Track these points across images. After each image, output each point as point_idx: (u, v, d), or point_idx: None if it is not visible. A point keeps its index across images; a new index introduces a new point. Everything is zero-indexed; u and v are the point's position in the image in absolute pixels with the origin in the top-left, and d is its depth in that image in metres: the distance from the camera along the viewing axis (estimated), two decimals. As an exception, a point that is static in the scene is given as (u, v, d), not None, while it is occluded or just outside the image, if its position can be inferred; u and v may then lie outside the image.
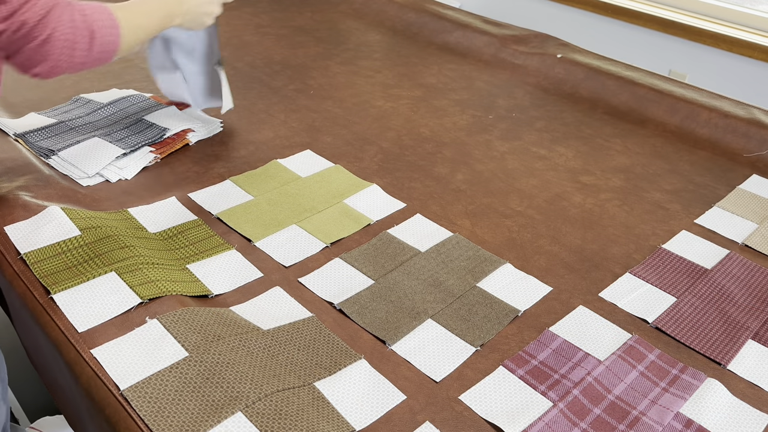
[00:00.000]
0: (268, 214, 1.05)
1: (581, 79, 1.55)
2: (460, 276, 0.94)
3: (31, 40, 0.82)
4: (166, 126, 1.22)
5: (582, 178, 1.21)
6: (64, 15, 0.84)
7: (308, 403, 0.72)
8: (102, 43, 0.89)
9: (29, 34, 0.82)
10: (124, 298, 0.83)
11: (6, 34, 0.80)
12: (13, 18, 0.80)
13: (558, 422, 0.73)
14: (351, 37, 1.79)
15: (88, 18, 0.87)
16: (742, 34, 2.09)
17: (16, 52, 0.84)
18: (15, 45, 0.82)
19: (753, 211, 1.13)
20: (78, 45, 0.86)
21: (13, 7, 0.80)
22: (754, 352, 0.85)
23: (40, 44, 0.83)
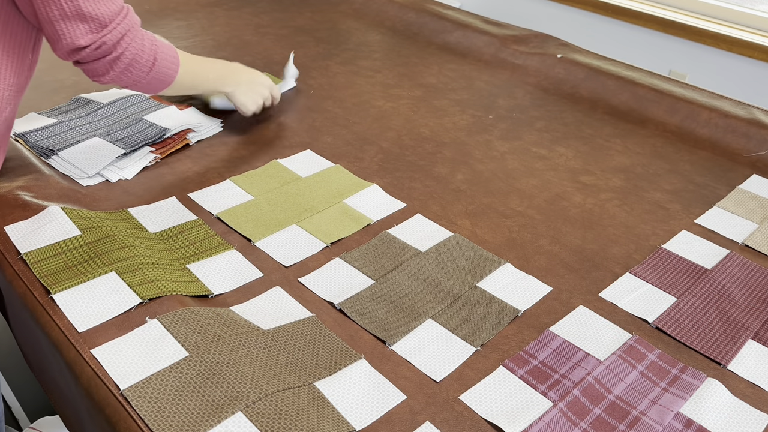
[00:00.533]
0: (268, 214, 1.05)
1: (581, 79, 1.55)
2: (460, 276, 0.94)
3: (104, 56, 0.93)
4: (166, 126, 1.22)
5: (582, 178, 1.21)
6: (137, 38, 0.95)
7: (308, 403, 0.72)
8: (160, 71, 1.00)
9: (105, 52, 0.92)
10: (124, 298, 0.83)
11: (89, 49, 0.91)
12: (98, 35, 0.91)
13: (558, 422, 0.73)
14: (351, 37, 1.79)
15: (155, 46, 0.98)
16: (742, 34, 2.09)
17: (89, 62, 0.94)
18: (89, 58, 0.92)
19: (753, 211, 1.13)
20: (139, 65, 0.96)
21: (100, 25, 0.91)
22: (754, 352, 0.85)
23: (110, 61, 0.94)
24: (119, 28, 0.92)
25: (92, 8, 0.89)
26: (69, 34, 0.89)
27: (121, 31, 0.93)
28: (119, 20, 0.92)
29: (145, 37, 0.97)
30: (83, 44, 0.90)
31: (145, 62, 0.97)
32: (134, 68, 0.96)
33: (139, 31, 0.96)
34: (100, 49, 0.91)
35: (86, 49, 0.91)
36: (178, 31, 1.72)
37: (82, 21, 0.89)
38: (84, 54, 0.91)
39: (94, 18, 0.89)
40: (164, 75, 1.01)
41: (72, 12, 0.88)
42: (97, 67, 0.94)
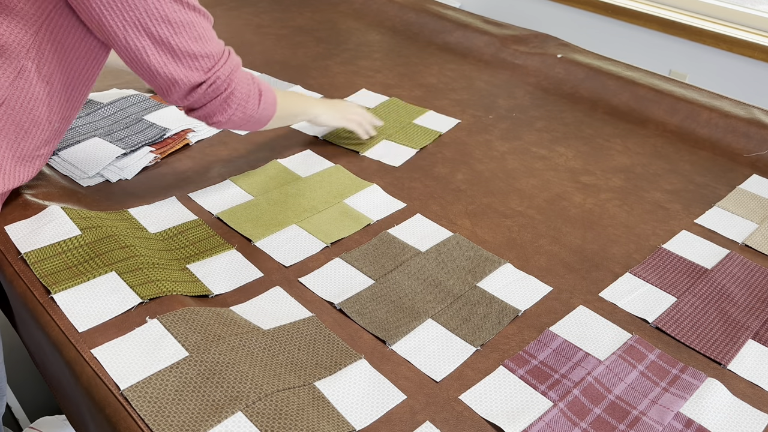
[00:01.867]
0: (269, 214, 1.05)
1: (581, 79, 1.55)
2: (460, 276, 0.94)
3: (218, 94, 0.94)
4: (166, 126, 1.23)
5: (582, 178, 1.21)
6: (243, 75, 0.97)
7: (308, 403, 0.72)
8: (265, 103, 1.01)
9: (218, 88, 0.93)
10: (124, 298, 0.83)
11: (204, 86, 0.92)
12: (212, 71, 0.92)
13: (558, 422, 0.73)
14: (351, 37, 1.79)
15: (257, 81, 1.00)
16: (742, 34, 2.09)
17: (203, 106, 0.95)
18: (205, 98, 0.94)
19: (753, 211, 1.13)
20: (250, 101, 0.98)
21: (213, 61, 0.92)
22: (754, 352, 0.85)
23: (225, 98, 0.95)
24: (228, 64, 0.94)
25: (201, 48, 0.90)
26: (184, 75, 0.90)
27: (230, 67, 0.94)
28: (226, 57, 0.94)
29: (248, 74, 0.99)
30: (199, 81, 0.91)
31: (254, 96, 0.98)
32: (247, 103, 0.97)
33: (242, 68, 0.98)
34: (214, 85, 0.92)
35: (202, 87, 0.92)
36: (178, 31, 1.72)
37: (194, 60, 0.90)
38: (200, 93, 0.92)
39: (204, 56, 0.91)
40: (268, 107, 1.02)
41: (183, 53, 0.89)
42: (214, 108, 0.95)
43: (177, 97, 0.93)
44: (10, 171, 0.93)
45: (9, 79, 0.87)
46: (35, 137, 0.93)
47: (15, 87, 0.88)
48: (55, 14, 0.87)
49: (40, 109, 0.91)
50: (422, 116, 1.38)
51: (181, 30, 0.87)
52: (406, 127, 1.32)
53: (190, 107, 0.96)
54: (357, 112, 1.25)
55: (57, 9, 0.86)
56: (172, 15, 0.86)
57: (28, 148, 0.94)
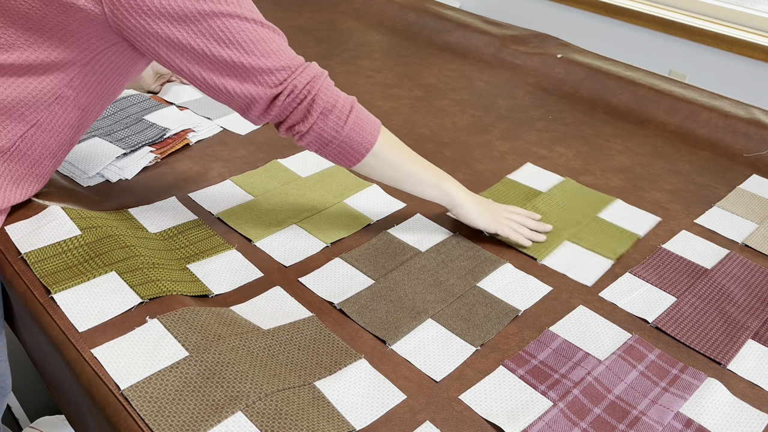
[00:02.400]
0: (269, 214, 1.05)
1: (581, 79, 1.55)
2: (460, 276, 0.94)
3: (299, 102, 0.88)
4: (166, 126, 1.23)
5: (582, 178, 1.21)
6: (328, 83, 0.90)
7: (308, 403, 0.72)
8: (356, 125, 0.91)
9: (298, 96, 0.88)
10: (124, 298, 0.83)
11: (282, 97, 0.87)
12: (288, 81, 0.87)
13: (558, 422, 0.73)
14: (351, 37, 1.79)
15: (351, 100, 0.92)
16: (742, 34, 2.09)
17: (286, 118, 0.90)
18: (286, 109, 0.89)
19: (753, 211, 1.14)
20: (335, 111, 0.90)
21: (288, 72, 0.87)
22: (754, 351, 0.85)
23: (306, 105, 0.89)
24: (306, 72, 0.88)
25: (274, 62, 0.86)
26: (261, 90, 0.86)
27: (309, 75, 0.88)
28: (304, 67, 0.89)
29: (335, 87, 0.92)
30: (276, 93, 0.87)
31: (341, 108, 0.90)
32: (331, 114, 0.89)
33: (329, 80, 0.92)
34: (292, 94, 0.87)
35: (279, 98, 0.87)
36: (178, 31, 1.72)
37: (269, 74, 0.86)
38: (279, 105, 0.88)
39: (279, 69, 0.87)
40: (363, 132, 0.91)
41: (256, 70, 0.85)
42: (296, 118, 0.89)
43: (257, 114, 0.89)
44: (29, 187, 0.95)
45: (46, 103, 0.88)
46: (55, 156, 0.95)
47: (50, 111, 0.89)
48: (109, 52, 0.87)
49: (67, 134, 0.93)
50: (609, 208, 1.11)
51: (251, 48, 0.85)
52: (591, 224, 1.06)
53: (275, 121, 0.91)
54: (513, 216, 1.03)
55: (114, 47, 0.87)
56: (239, 35, 0.84)
57: (48, 166, 0.95)
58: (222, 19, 0.82)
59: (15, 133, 0.88)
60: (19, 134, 0.89)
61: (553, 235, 1.03)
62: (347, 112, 0.90)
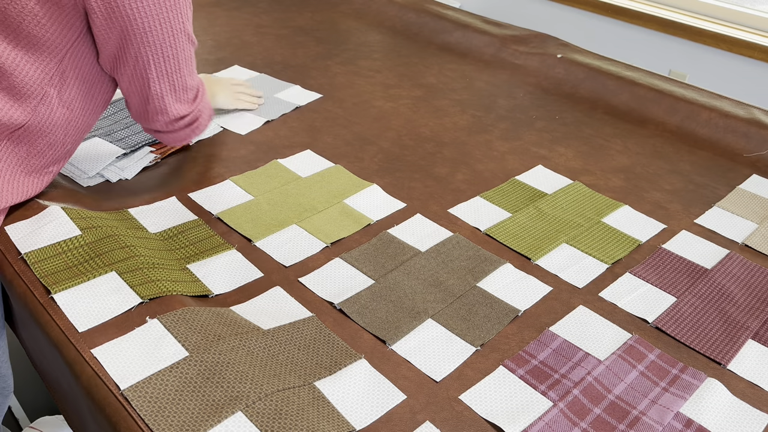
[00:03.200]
0: (269, 214, 1.05)
1: (581, 79, 1.55)
2: (460, 276, 0.94)
3: (191, 123, 0.97)
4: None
5: (582, 178, 1.21)
6: (206, 102, 1.01)
7: (308, 403, 0.72)
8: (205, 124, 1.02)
9: (195, 118, 0.97)
10: (124, 298, 0.83)
11: (188, 118, 0.96)
12: (195, 103, 0.96)
13: (558, 422, 0.73)
14: (351, 37, 1.79)
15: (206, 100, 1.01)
16: (742, 34, 2.09)
17: (176, 131, 0.98)
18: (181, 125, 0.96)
19: (753, 211, 1.14)
20: (207, 121, 1.02)
21: (195, 93, 0.96)
22: (754, 352, 0.85)
23: (196, 126, 0.99)
24: (202, 94, 0.97)
25: (191, 82, 0.93)
26: (177, 107, 0.94)
27: (202, 96, 0.98)
28: (203, 88, 0.97)
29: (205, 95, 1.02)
30: (185, 113, 0.95)
31: (207, 119, 1.02)
32: (203, 125, 1.01)
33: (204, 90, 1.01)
34: (191, 114, 0.96)
35: (185, 118, 0.95)
36: (178, 31, 1.72)
37: (185, 93, 0.93)
38: (181, 124, 0.96)
39: (192, 89, 0.94)
40: (204, 127, 1.03)
41: (180, 86, 0.92)
42: (183, 135, 0.99)
43: (160, 125, 0.95)
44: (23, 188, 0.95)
45: (32, 105, 0.88)
46: (46, 156, 0.95)
47: (37, 112, 0.89)
48: (79, 43, 0.88)
49: (56, 134, 0.93)
50: (615, 213, 1.11)
51: (183, 65, 0.91)
52: (594, 229, 1.06)
53: (159, 130, 0.98)
54: (243, 91, 1.32)
55: (81, 38, 0.87)
56: (181, 53, 0.89)
57: (37, 164, 0.95)
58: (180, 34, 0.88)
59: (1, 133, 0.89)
60: (6, 133, 0.89)
61: (551, 236, 1.03)
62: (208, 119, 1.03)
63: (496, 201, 1.11)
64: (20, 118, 0.88)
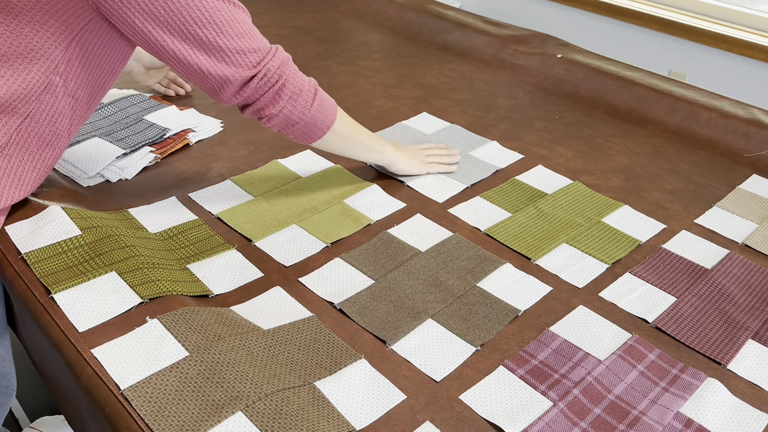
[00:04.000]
0: (269, 214, 1.05)
1: (581, 79, 1.55)
2: (460, 276, 0.94)
3: (270, 86, 0.93)
4: (166, 126, 1.23)
5: (582, 178, 1.21)
6: (294, 68, 0.96)
7: (308, 403, 0.72)
8: (321, 107, 0.98)
9: (270, 80, 0.92)
10: (124, 298, 0.83)
11: (255, 80, 0.91)
12: (261, 64, 0.91)
13: (558, 422, 0.73)
14: (351, 37, 1.79)
15: (314, 83, 0.98)
16: (742, 34, 2.09)
17: (255, 100, 0.94)
18: (258, 92, 0.92)
19: (753, 211, 1.14)
20: (303, 95, 0.96)
21: (261, 55, 0.91)
22: (754, 351, 0.85)
23: (276, 90, 0.93)
24: (277, 57, 0.92)
25: (248, 44, 0.90)
26: (235, 72, 0.89)
27: (279, 59, 0.93)
28: (274, 51, 0.93)
29: (299, 72, 0.97)
30: (250, 75, 0.90)
31: (307, 92, 0.96)
32: (299, 98, 0.95)
33: (293, 64, 0.96)
34: (265, 77, 0.91)
35: (253, 81, 0.91)
36: (178, 31, 1.72)
37: (242, 56, 0.89)
38: (252, 88, 0.91)
39: (252, 51, 0.90)
40: (325, 112, 0.99)
41: (231, 50, 0.88)
42: (266, 101, 0.93)
43: (230, 95, 0.92)
44: (29, 182, 0.95)
45: (36, 94, 0.88)
46: (55, 149, 0.95)
47: (41, 101, 0.89)
48: (87, 31, 0.87)
49: (62, 123, 0.93)
50: (615, 213, 1.11)
51: (227, 28, 0.87)
52: (594, 229, 1.06)
53: (244, 103, 0.95)
54: (435, 154, 1.20)
55: (91, 24, 0.87)
56: (215, 15, 0.86)
57: (47, 159, 0.95)
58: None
59: (10, 127, 0.88)
60: (13, 128, 0.88)
61: (551, 236, 1.03)
62: (312, 96, 0.97)
63: (496, 201, 1.11)
64: (24, 108, 0.87)
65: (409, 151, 1.17)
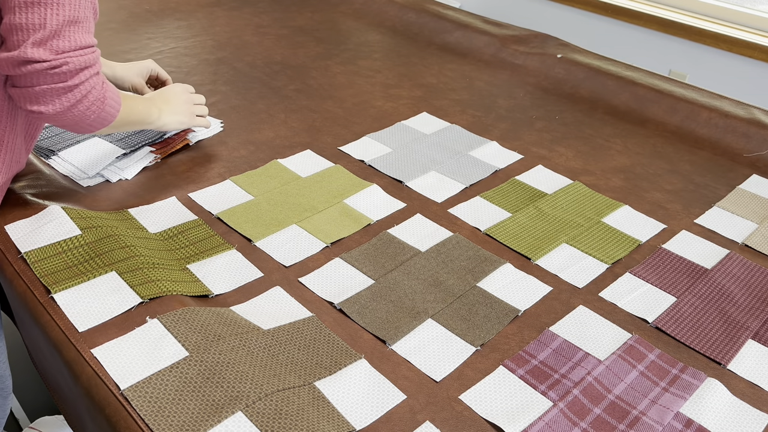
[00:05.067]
0: (269, 213, 1.05)
1: (581, 79, 1.55)
2: (460, 276, 0.94)
3: (60, 81, 0.82)
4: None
5: (582, 178, 1.21)
6: (98, 77, 0.87)
7: (308, 403, 0.72)
8: (105, 111, 0.90)
9: (62, 75, 0.81)
10: (124, 298, 0.83)
11: (46, 64, 0.80)
12: (62, 55, 0.80)
13: (558, 422, 0.73)
14: (351, 37, 1.79)
15: (105, 85, 0.89)
16: (742, 34, 2.09)
17: (32, 86, 0.82)
18: (39, 79, 0.81)
19: (753, 211, 1.14)
20: (93, 104, 0.87)
21: (71, 44, 0.81)
22: (754, 351, 0.85)
23: (64, 89, 0.82)
24: (85, 58, 0.83)
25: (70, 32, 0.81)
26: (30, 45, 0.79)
27: (87, 61, 0.84)
28: (89, 52, 0.84)
29: (99, 78, 0.88)
30: (41, 58, 0.79)
31: (96, 101, 0.87)
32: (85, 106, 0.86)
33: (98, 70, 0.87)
34: (56, 69, 0.81)
35: (41, 64, 0.79)
36: (179, 31, 1.72)
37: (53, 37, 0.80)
38: (32, 69, 0.80)
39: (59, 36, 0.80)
40: (107, 115, 0.91)
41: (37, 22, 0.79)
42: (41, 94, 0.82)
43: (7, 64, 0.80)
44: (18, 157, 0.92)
45: None
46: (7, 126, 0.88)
47: None
48: None
49: None
50: (615, 213, 1.10)
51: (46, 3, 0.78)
52: (594, 229, 1.06)
53: (14, 83, 0.83)
54: (200, 108, 1.17)
55: None
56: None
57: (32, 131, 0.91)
58: None
59: None
60: None
61: (551, 236, 1.03)
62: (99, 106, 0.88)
63: (496, 201, 1.11)
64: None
65: (176, 106, 1.12)
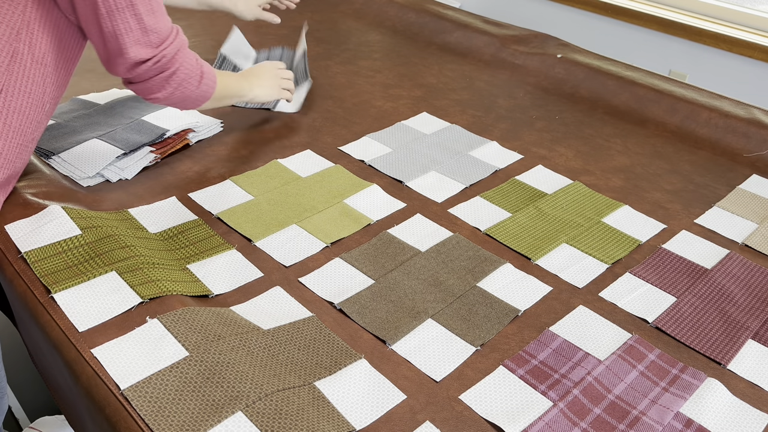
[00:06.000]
0: (269, 214, 1.05)
1: (581, 79, 1.55)
2: (460, 276, 0.94)
3: (163, 71, 0.94)
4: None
5: (582, 178, 1.21)
6: (189, 55, 0.97)
7: (308, 403, 0.72)
8: (205, 85, 1.01)
9: (163, 67, 0.93)
10: (124, 298, 0.83)
11: (149, 63, 0.91)
12: (159, 48, 0.92)
13: (558, 422, 0.73)
14: (351, 37, 1.79)
15: (200, 62, 1.01)
16: (742, 34, 2.08)
17: (146, 80, 0.94)
18: (148, 74, 0.93)
19: (753, 211, 1.14)
20: (191, 80, 0.98)
21: (161, 38, 0.92)
22: (754, 351, 0.85)
23: (168, 75, 0.94)
24: (175, 43, 0.93)
25: (153, 23, 0.90)
26: (133, 48, 0.89)
27: (177, 46, 0.94)
28: (174, 36, 0.94)
29: (193, 54, 0.99)
30: (145, 57, 0.91)
31: (194, 76, 0.98)
32: (186, 84, 0.97)
33: (189, 49, 0.98)
34: (159, 63, 0.92)
35: (147, 63, 0.91)
36: (178, 31, 1.72)
37: (144, 34, 0.90)
38: (143, 69, 0.92)
39: (155, 32, 0.90)
40: (207, 88, 1.02)
41: (136, 26, 0.89)
42: (152, 85, 0.94)
43: (120, 69, 0.92)
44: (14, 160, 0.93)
45: (4, 65, 0.86)
46: (34, 120, 0.93)
47: (11, 72, 0.87)
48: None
49: (36, 92, 0.91)
50: (615, 213, 1.11)
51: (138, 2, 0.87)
52: (594, 229, 1.06)
53: (130, 80, 0.95)
54: (287, 82, 1.26)
55: None
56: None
57: (30, 132, 0.93)
58: None
59: None
60: None
61: (551, 236, 1.03)
62: (198, 80, 0.99)
63: (496, 201, 1.11)
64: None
65: (265, 80, 1.22)
